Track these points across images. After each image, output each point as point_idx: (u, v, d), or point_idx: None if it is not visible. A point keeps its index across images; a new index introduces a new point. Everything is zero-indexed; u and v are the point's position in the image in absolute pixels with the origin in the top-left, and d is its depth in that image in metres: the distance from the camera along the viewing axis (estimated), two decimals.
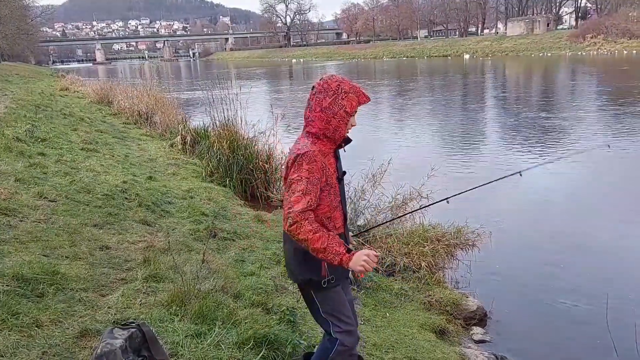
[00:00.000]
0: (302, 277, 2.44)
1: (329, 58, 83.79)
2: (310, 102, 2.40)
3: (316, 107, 2.36)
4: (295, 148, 2.38)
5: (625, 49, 50.54)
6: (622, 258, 6.18)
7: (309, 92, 2.44)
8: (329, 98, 2.34)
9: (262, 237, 6.22)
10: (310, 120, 2.38)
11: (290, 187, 2.27)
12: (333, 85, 2.37)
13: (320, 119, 2.35)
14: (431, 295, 4.92)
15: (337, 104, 2.34)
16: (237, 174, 8.83)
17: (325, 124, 2.35)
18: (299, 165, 2.27)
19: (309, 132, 2.39)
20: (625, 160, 10.72)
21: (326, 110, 2.35)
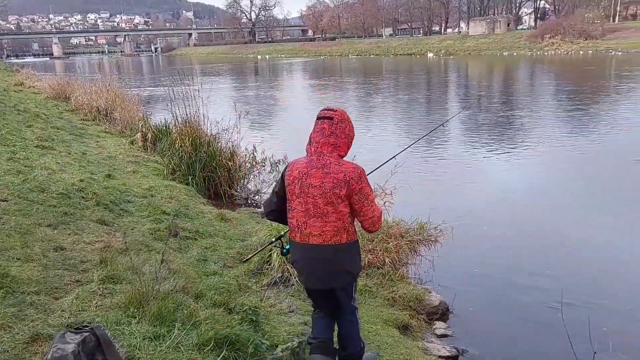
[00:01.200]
0: (356, 270, 2.97)
1: (295, 55, 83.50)
2: (333, 129, 2.79)
3: (341, 134, 2.81)
4: (348, 168, 2.78)
5: (581, 49, 52.16)
6: (579, 252, 6.36)
7: (318, 122, 2.84)
8: (348, 126, 2.84)
9: (226, 236, 6.13)
10: (337, 146, 2.80)
11: (368, 198, 2.78)
12: (346, 115, 2.87)
13: (345, 144, 2.83)
14: (395, 291, 4.95)
15: (352, 130, 2.89)
16: (200, 172, 8.67)
17: (347, 147, 2.85)
18: (366, 179, 2.80)
19: (340, 155, 2.83)
20: (582, 155, 11.06)
21: (348, 136, 2.85)
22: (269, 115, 20.01)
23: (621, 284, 5.56)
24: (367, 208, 2.77)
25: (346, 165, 2.77)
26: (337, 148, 2.79)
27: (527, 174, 9.93)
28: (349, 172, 2.74)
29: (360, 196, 2.75)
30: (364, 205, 2.76)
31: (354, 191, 2.73)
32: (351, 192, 2.73)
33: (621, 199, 8.23)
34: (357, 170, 2.76)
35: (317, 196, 2.75)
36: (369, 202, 2.78)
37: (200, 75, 45.76)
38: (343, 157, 2.84)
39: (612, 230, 7.03)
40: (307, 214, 2.79)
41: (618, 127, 13.62)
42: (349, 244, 2.82)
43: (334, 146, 2.79)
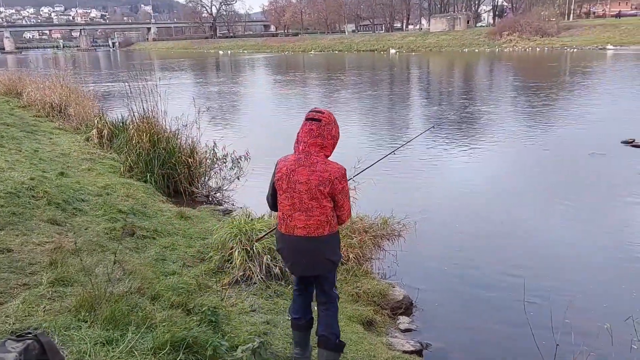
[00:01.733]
0: (337, 259, 3.16)
1: (257, 50, 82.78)
2: (321, 131, 2.98)
3: (328, 135, 3.00)
4: (333, 168, 2.98)
5: (538, 46, 53.57)
6: (539, 244, 6.47)
7: (306, 123, 3.01)
8: (334, 128, 3.04)
9: (185, 235, 5.96)
10: (324, 146, 3.00)
11: (347, 195, 3.06)
12: (332, 117, 3.06)
13: (331, 145, 3.03)
14: (359, 286, 4.90)
15: (338, 132, 3.08)
16: (159, 169, 8.42)
17: (333, 147, 3.05)
18: (346, 178, 3.06)
19: (326, 155, 3.03)
20: (541, 149, 11.32)
21: (334, 137, 3.04)
22: (232, 111, 19.72)
23: (581, 273, 5.68)
24: (347, 204, 3.07)
25: (332, 165, 2.99)
26: (323, 148, 3.01)
27: (488, 167, 10.09)
28: (334, 171, 2.97)
29: (342, 194, 3.02)
30: (344, 201, 3.05)
31: (337, 189, 2.98)
32: (334, 189, 2.97)
33: (578, 190, 8.44)
34: (341, 171, 3.00)
35: (303, 192, 2.97)
36: (348, 199, 3.10)
37: (160, 71, 44.83)
38: (329, 157, 3.05)
39: (571, 220, 7.19)
40: (292, 208, 3.01)
41: (576, 122, 14.01)
42: (330, 235, 3.05)
43: (321, 147, 3.00)
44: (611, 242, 6.41)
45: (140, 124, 8.82)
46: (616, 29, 52.91)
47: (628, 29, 51.99)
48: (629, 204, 7.85)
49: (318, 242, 3.02)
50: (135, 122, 8.90)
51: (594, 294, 5.22)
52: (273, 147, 12.05)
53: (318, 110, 3.07)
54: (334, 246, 3.13)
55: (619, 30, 52.23)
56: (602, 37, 51.55)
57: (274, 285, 4.62)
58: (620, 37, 50.46)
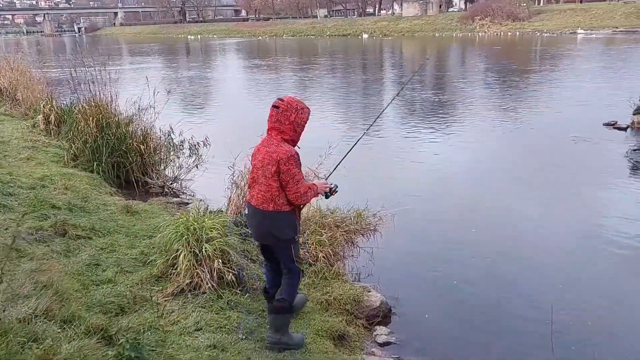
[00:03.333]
0: (287, 237, 3.36)
1: (228, 35, 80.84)
2: (278, 117, 3.24)
3: (285, 121, 3.24)
4: (281, 150, 3.22)
5: (509, 30, 53.49)
6: (525, 235, 5.90)
7: (271, 109, 3.25)
8: (294, 114, 3.24)
9: (129, 233, 5.16)
10: (281, 131, 3.25)
11: (294, 178, 3.21)
12: (294, 104, 3.27)
13: (290, 129, 3.26)
14: (329, 292, 4.20)
15: (299, 118, 3.27)
16: (108, 158, 7.55)
17: (294, 132, 3.27)
18: (296, 162, 3.23)
19: (283, 138, 3.27)
20: (521, 134, 10.80)
21: (293, 123, 3.25)
22: (200, 97, 18.72)
23: (570, 267, 5.11)
24: (292, 185, 3.22)
25: (281, 148, 3.23)
26: (281, 132, 3.27)
27: (468, 154, 9.47)
28: (282, 153, 3.20)
29: (286, 175, 3.20)
30: (289, 183, 3.21)
31: (282, 170, 3.20)
32: (280, 170, 3.20)
33: (563, 176, 7.91)
34: (287, 154, 3.20)
35: (258, 168, 3.30)
36: (294, 182, 3.22)
37: (129, 56, 43.20)
38: (287, 140, 3.27)
39: (558, 208, 6.65)
40: (253, 181, 3.38)
41: (556, 105, 13.55)
42: (275, 212, 3.28)
43: (279, 130, 3.27)
44: (601, 230, 5.87)
45: (86, 107, 7.91)
46: (586, 13, 53.20)
47: (597, 13, 52.34)
48: (613, 186, 7.37)
49: (263, 216, 3.32)
50: (81, 106, 7.98)
51: (588, 297, 4.65)
52: (239, 133, 11.34)
53: (280, 98, 3.29)
54: (281, 225, 3.32)
55: (589, 15, 52.53)
56: (572, 21, 51.79)
57: (228, 294, 3.88)
58: (590, 21, 50.77)
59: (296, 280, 3.51)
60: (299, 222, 3.49)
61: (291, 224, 3.35)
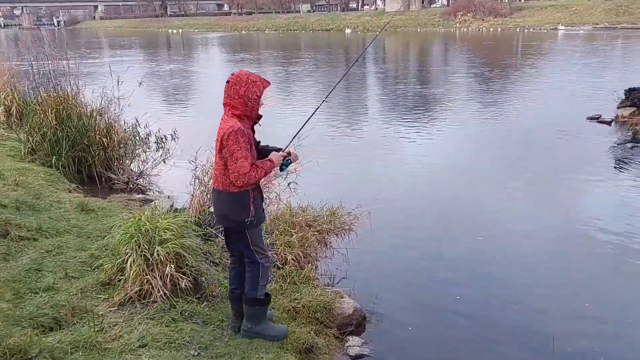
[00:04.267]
0: (239, 219, 3.13)
1: (210, 29, 79.71)
2: (229, 92, 3.06)
3: (235, 95, 3.05)
4: (226, 126, 3.03)
5: (491, 26, 53.49)
6: (508, 232, 5.58)
7: (225, 85, 3.06)
8: (243, 87, 3.04)
9: (81, 233, 4.72)
10: (232, 106, 3.07)
11: (233, 155, 2.98)
12: (244, 77, 3.07)
13: (240, 103, 3.05)
14: (297, 298, 3.82)
15: (250, 91, 3.05)
16: (68, 151, 7.06)
17: (244, 106, 3.05)
18: (236, 138, 2.98)
19: (234, 114, 3.07)
20: (504, 129, 10.52)
21: (243, 97, 3.04)
22: (178, 90, 18.15)
23: (555, 270, 4.80)
24: (231, 164, 3.00)
25: (227, 124, 3.04)
26: (232, 108, 3.08)
27: (450, 148, 9.13)
28: (225, 129, 3.01)
29: (227, 152, 3.00)
30: (228, 161, 3.01)
31: (224, 146, 3.01)
32: (223, 147, 3.02)
33: (546, 171, 7.62)
34: (229, 130, 2.99)
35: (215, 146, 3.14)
36: (233, 160, 2.98)
37: (108, 49, 42.22)
38: (239, 115, 3.06)
39: (540, 204, 6.35)
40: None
41: (539, 100, 13.31)
42: (224, 192, 3.11)
43: (230, 106, 3.09)
44: (583, 225, 5.58)
45: (46, 98, 7.40)
46: (566, 10, 53.43)
47: (578, 10, 52.59)
48: (596, 180, 7.12)
49: (216, 195, 3.19)
50: (40, 97, 7.47)
51: (569, 286, 4.35)
52: (214, 126, 10.81)
53: (233, 73, 3.12)
54: (230, 206, 3.12)
55: (569, 11, 52.77)
56: (553, 17, 51.95)
57: (182, 303, 3.47)
58: (570, 17, 50.98)
59: (257, 273, 3.24)
60: (257, 205, 3.16)
61: (243, 206, 3.11)
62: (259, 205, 3.21)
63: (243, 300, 3.30)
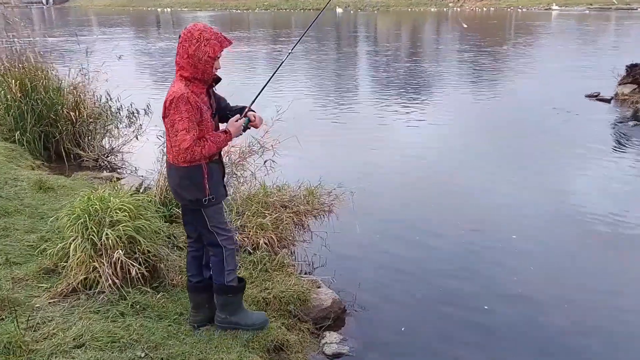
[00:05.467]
0: (191, 197, 2.74)
1: (199, 8, 78.09)
2: (178, 49, 2.61)
3: (184, 54, 2.59)
4: (171, 91, 2.61)
5: (484, 6, 52.81)
6: (501, 219, 5.18)
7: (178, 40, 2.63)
8: (194, 46, 2.58)
9: (34, 214, 4.28)
10: (181, 66, 2.62)
11: (173, 127, 2.56)
12: (196, 33, 2.59)
13: (189, 64, 2.59)
14: (268, 288, 3.41)
15: (202, 50, 2.58)
16: (34, 126, 6.56)
17: (194, 68, 2.59)
18: (177, 106, 2.55)
19: (182, 75, 2.63)
20: (499, 107, 10.11)
21: (192, 57, 2.58)
22: (163, 68, 17.49)
23: (547, 255, 4.43)
24: (171, 136, 2.60)
25: (172, 88, 2.63)
26: (181, 68, 2.64)
27: (439, 128, 8.65)
28: (169, 95, 2.60)
29: (168, 122, 2.60)
30: (169, 132, 2.62)
31: (166, 115, 2.61)
32: (166, 114, 2.61)
33: (539, 149, 7.23)
34: (173, 95, 2.57)
35: None
36: (174, 132, 2.58)
37: (97, 27, 41.10)
38: (188, 78, 2.62)
39: (532, 185, 5.97)
40: None
41: (536, 78, 12.90)
42: (173, 166, 2.71)
43: (179, 66, 2.64)
44: (578, 206, 5.21)
45: (9, 68, 6.87)
46: None
47: None
48: (594, 159, 6.76)
49: (168, 168, 2.81)
50: (3, 67, 6.93)
51: (562, 273, 3.98)
52: None
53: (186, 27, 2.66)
54: (180, 181, 2.72)
55: None
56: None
57: (135, 294, 3.05)
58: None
59: (222, 258, 2.86)
60: (214, 181, 2.74)
61: (195, 182, 2.69)
62: (217, 181, 2.78)
63: (213, 288, 2.94)
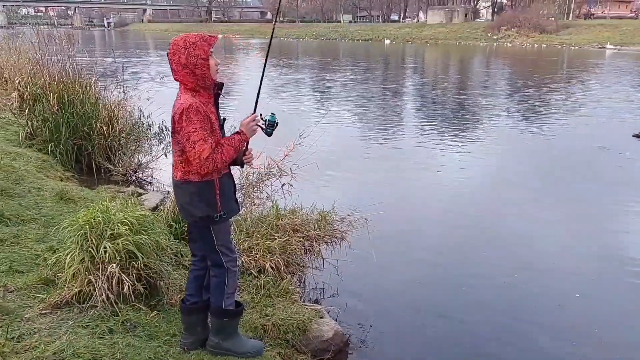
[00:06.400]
0: (201, 214, 2.66)
1: (252, 35, 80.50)
2: (171, 66, 2.56)
3: (178, 67, 2.54)
4: (178, 103, 2.56)
5: (536, 42, 51.96)
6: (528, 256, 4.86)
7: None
8: (183, 55, 2.53)
9: (50, 223, 4.28)
10: (181, 80, 2.57)
11: (189, 139, 2.49)
12: (181, 42, 2.55)
13: (187, 74, 2.54)
14: (269, 315, 3.25)
15: (192, 55, 2.53)
16: (68, 138, 6.72)
17: (193, 76, 2.53)
18: (188, 117, 2.50)
19: (187, 88, 2.57)
20: (543, 143, 9.72)
21: (187, 65, 2.53)
22: None
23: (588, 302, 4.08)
24: (189, 149, 2.53)
25: (179, 101, 2.58)
26: (182, 82, 2.59)
27: (480, 162, 8.29)
28: (177, 107, 2.56)
29: (182, 135, 2.54)
30: (185, 145, 2.54)
31: (177, 129, 2.56)
32: (175, 129, 2.58)
33: (581, 187, 6.85)
34: (181, 107, 2.52)
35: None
36: (190, 144, 2.51)
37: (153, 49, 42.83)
38: (193, 88, 2.56)
39: (568, 226, 5.60)
40: None
41: (584, 115, 12.43)
42: (181, 182, 2.65)
43: (179, 81, 2.60)
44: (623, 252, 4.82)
45: (50, 81, 7.12)
46: (615, 29, 51.42)
47: (628, 29, 50.51)
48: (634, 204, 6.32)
49: (175, 185, 2.72)
50: (44, 80, 7.19)
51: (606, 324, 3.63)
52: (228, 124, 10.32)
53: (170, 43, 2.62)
54: (191, 198, 2.64)
55: (619, 31, 50.73)
56: (601, 36, 50.00)
57: (128, 311, 2.96)
58: (620, 37, 48.94)
59: (224, 279, 2.76)
60: (226, 196, 2.67)
61: (206, 198, 2.62)
62: (228, 196, 2.70)
63: (210, 310, 2.84)
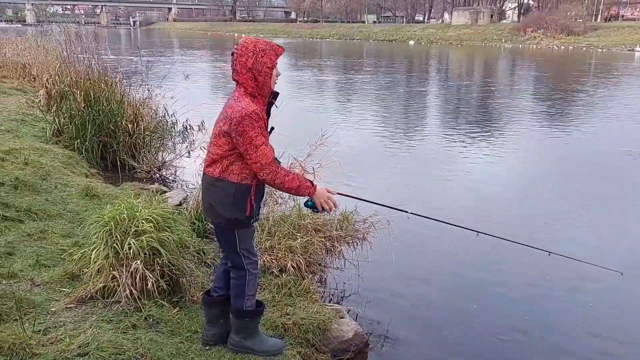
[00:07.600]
0: (230, 216, 2.65)
1: (275, 35, 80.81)
2: (235, 66, 2.57)
3: (242, 69, 2.55)
4: (238, 106, 2.54)
5: (562, 44, 51.05)
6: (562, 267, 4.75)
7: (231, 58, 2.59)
8: (251, 59, 2.54)
9: (75, 219, 4.36)
10: (242, 83, 2.57)
11: (252, 143, 2.52)
12: (250, 46, 2.55)
13: (249, 78, 2.56)
14: (289, 314, 3.25)
15: (259, 62, 2.54)
16: (94, 135, 6.83)
17: (254, 82, 2.56)
18: (252, 123, 2.51)
19: (246, 91, 2.58)
20: (565, 150, 9.54)
21: (252, 70, 2.54)
22: (228, 88, 18.06)
23: (619, 319, 3.98)
24: (251, 153, 2.55)
25: (239, 104, 2.57)
26: (243, 84, 2.59)
27: (505, 167, 8.16)
28: (236, 111, 2.55)
29: (242, 139, 2.54)
30: (247, 149, 2.55)
31: (235, 132, 2.54)
32: (232, 130, 2.55)
33: (606, 193, 6.69)
34: (241, 112, 2.53)
35: (216, 126, 2.68)
36: (253, 147, 2.54)
37: (177, 48, 43.35)
38: (252, 93, 2.58)
39: (594, 231, 5.47)
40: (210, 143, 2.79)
41: (611, 120, 12.16)
42: (221, 180, 2.62)
43: (240, 82, 2.60)
44: None
45: (76, 79, 7.24)
46: None
47: None
48: None
49: (207, 182, 2.70)
50: (71, 78, 7.31)
51: None
52: None
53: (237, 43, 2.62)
54: (223, 195, 2.63)
55: None
56: (630, 38, 48.76)
57: (151, 307, 2.98)
58: None
59: (244, 281, 2.77)
60: (256, 201, 2.68)
61: (240, 200, 2.61)
62: (258, 202, 2.73)
63: (230, 311, 2.87)
